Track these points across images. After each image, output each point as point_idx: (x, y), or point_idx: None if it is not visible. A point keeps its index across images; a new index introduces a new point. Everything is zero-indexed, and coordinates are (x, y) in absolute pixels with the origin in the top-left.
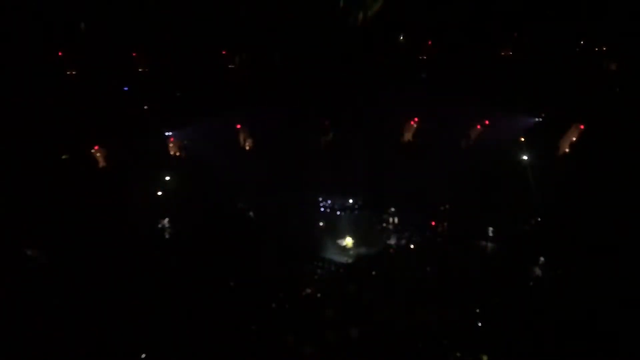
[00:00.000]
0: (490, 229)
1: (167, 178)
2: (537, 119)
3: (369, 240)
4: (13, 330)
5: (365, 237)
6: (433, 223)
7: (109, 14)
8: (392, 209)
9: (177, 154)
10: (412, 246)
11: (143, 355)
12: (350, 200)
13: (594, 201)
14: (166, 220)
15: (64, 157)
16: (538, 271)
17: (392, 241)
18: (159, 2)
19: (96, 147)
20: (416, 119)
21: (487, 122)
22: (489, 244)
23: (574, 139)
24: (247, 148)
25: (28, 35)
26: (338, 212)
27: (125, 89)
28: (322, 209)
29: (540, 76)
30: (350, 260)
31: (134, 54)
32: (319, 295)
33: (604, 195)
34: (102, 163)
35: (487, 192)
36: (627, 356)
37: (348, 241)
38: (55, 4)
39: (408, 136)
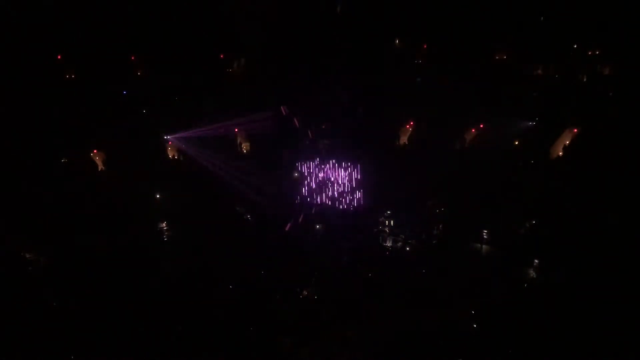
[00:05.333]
0: (485, 231)
1: (166, 181)
2: (531, 123)
3: (366, 242)
4: (13, 330)
5: (362, 240)
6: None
7: (107, 17)
8: (388, 212)
9: (176, 157)
10: (407, 248)
11: (141, 355)
12: (348, 203)
13: (588, 204)
14: (164, 223)
15: (63, 160)
16: (532, 273)
17: (389, 243)
18: (158, 5)
19: (95, 151)
20: (412, 122)
21: (481, 125)
22: (484, 247)
23: (568, 142)
24: (245, 151)
25: (27, 39)
26: (335, 215)
27: (124, 92)
28: (319, 212)
29: (534, 80)
30: (347, 263)
31: (132, 57)
32: (316, 297)
33: (598, 198)
34: (100, 166)
35: (482, 195)
36: (623, 356)
37: (345, 243)
38: (54, 7)
39: (404, 139)
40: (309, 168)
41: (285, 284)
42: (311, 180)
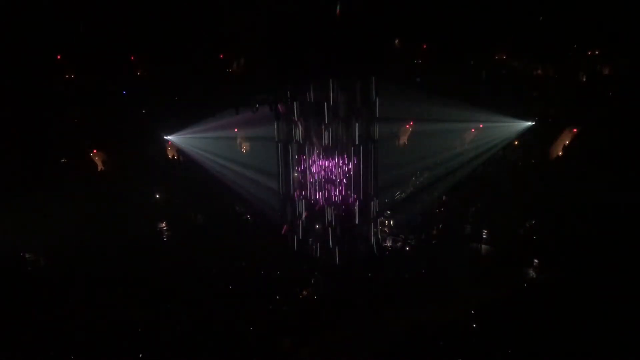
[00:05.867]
0: (485, 231)
1: (166, 181)
2: (531, 123)
3: (366, 242)
4: (13, 330)
5: (361, 240)
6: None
7: (107, 17)
8: (388, 212)
9: (176, 157)
10: (407, 248)
11: (140, 355)
12: (347, 202)
13: (588, 204)
14: (164, 223)
15: (63, 160)
16: (532, 273)
17: (388, 243)
18: (158, 5)
19: (95, 151)
20: (412, 122)
21: (481, 125)
22: (484, 247)
23: (568, 142)
24: (244, 151)
25: (27, 39)
26: (335, 215)
27: (124, 92)
28: (319, 212)
29: (534, 80)
30: (346, 263)
31: (132, 58)
32: (315, 297)
33: (598, 198)
34: (100, 167)
35: (482, 195)
36: (623, 355)
37: (345, 243)
38: (54, 7)
39: (404, 139)
40: (308, 167)
41: (285, 284)
42: (310, 179)
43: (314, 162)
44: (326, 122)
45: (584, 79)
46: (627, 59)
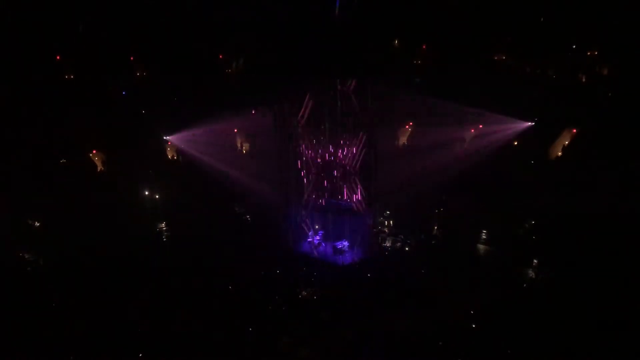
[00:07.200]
0: (485, 231)
1: (166, 181)
2: (530, 123)
3: (365, 242)
4: (13, 330)
5: (361, 240)
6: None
7: (107, 18)
8: (387, 212)
9: (175, 157)
10: (407, 248)
11: (140, 355)
12: (346, 203)
13: (587, 204)
14: (163, 224)
15: (62, 161)
16: (532, 273)
17: (388, 243)
18: (157, 6)
19: (94, 151)
20: (411, 123)
21: (480, 126)
22: (484, 247)
23: (567, 142)
24: (244, 151)
25: (27, 39)
26: (334, 215)
27: (124, 92)
28: (318, 212)
29: (533, 80)
30: (345, 263)
31: (131, 58)
32: (315, 297)
33: (597, 198)
34: (100, 167)
35: (481, 196)
36: (623, 356)
37: (344, 244)
38: (54, 7)
39: (403, 140)
40: (308, 166)
41: (285, 284)
42: (310, 178)
43: (314, 160)
44: (326, 121)
45: (584, 79)
46: (627, 59)
